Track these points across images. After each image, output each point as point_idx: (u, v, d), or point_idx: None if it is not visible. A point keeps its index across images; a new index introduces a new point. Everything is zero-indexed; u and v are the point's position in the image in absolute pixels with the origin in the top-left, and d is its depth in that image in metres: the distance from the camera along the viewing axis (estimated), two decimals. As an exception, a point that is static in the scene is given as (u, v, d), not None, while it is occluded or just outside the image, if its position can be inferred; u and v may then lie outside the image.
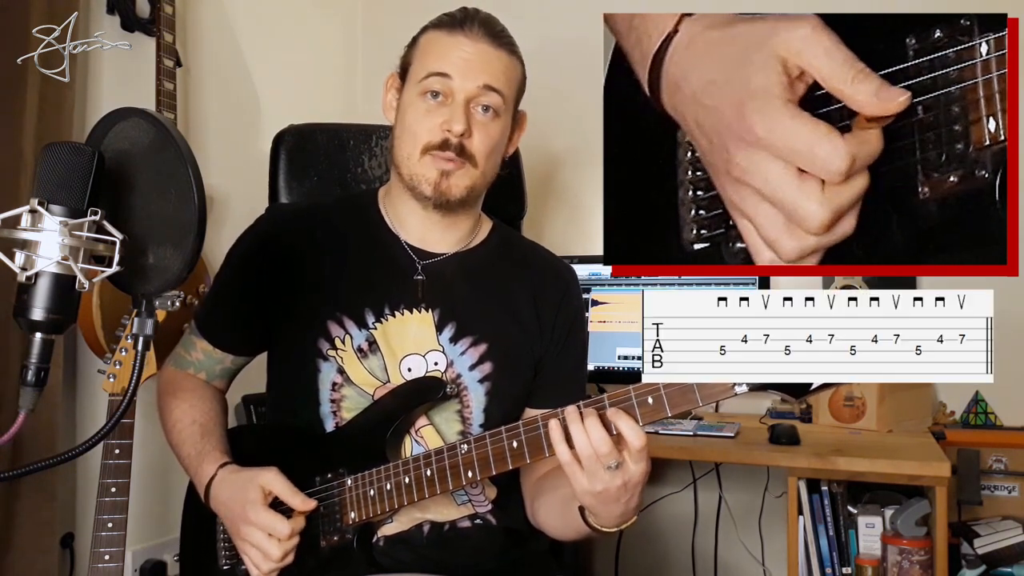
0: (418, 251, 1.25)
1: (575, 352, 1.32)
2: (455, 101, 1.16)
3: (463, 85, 1.16)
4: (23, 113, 1.59)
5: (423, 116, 1.17)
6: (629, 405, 0.97)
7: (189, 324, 1.33)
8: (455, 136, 1.15)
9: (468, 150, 1.17)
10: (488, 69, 1.17)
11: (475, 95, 1.16)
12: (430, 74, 1.16)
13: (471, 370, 1.23)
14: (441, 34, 1.19)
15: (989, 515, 1.93)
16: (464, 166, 1.17)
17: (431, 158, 1.17)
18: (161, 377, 1.33)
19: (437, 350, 1.22)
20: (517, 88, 1.23)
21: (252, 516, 1.09)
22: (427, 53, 1.19)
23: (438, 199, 1.18)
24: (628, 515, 1.04)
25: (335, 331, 1.20)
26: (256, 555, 1.10)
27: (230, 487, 1.14)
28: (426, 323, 1.22)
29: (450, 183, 1.17)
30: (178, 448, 1.24)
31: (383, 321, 1.21)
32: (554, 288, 1.31)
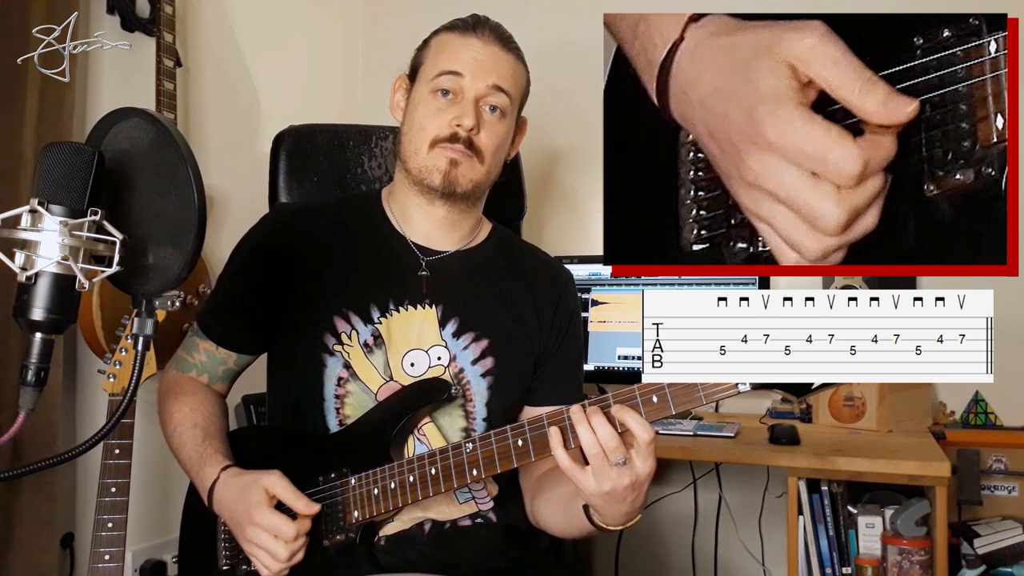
0: (422, 248, 1.27)
1: (572, 351, 1.34)
2: (465, 99, 1.19)
3: (473, 84, 1.19)
4: (23, 113, 1.59)
5: (433, 113, 1.20)
6: (634, 403, 0.98)
7: (191, 326, 1.33)
8: (464, 131, 1.18)
9: (476, 145, 1.20)
10: (498, 70, 1.21)
11: (484, 94, 1.20)
12: (442, 72, 1.20)
13: (474, 365, 1.24)
14: (454, 36, 1.23)
15: (989, 515, 1.93)
16: (471, 159, 1.20)
17: (440, 149, 1.20)
18: (163, 381, 1.33)
19: (440, 345, 1.23)
20: (523, 92, 1.27)
21: (258, 518, 1.09)
22: (439, 53, 1.23)
23: (446, 188, 1.20)
24: (634, 513, 1.05)
25: (341, 326, 1.21)
26: (264, 556, 1.10)
27: (234, 490, 1.14)
28: (430, 319, 1.24)
29: (458, 173, 1.20)
30: (179, 451, 1.24)
31: (388, 316, 1.22)
32: (551, 288, 1.33)
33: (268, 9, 2.40)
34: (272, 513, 1.09)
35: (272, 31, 2.41)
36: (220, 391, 1.33)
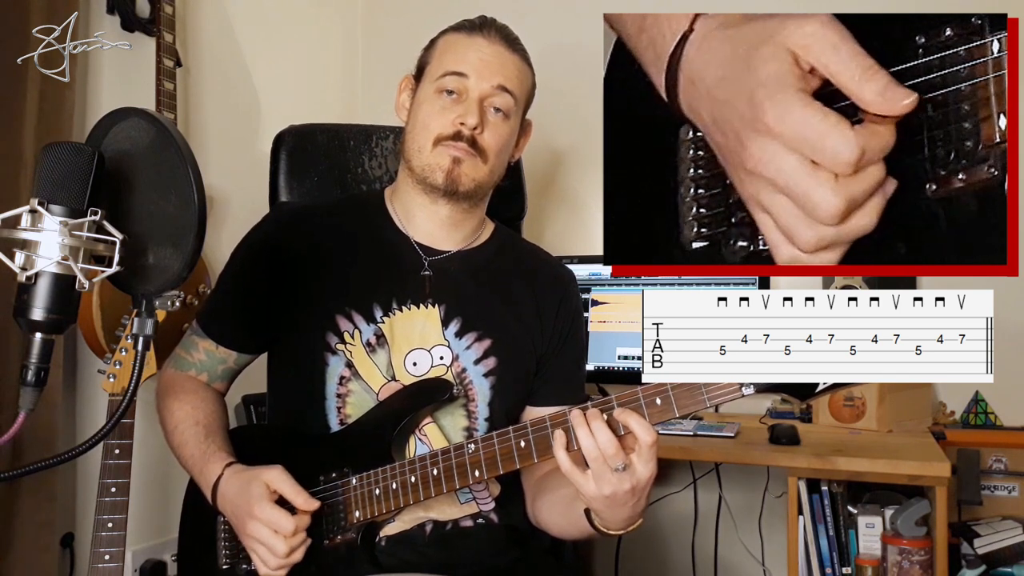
0: (425, 248, 1.27)
1: (574, 351, 1.34)
2: (469, 98, 1.20)
3: (478, 84, 1.20)
4: (23, 113, 1.59)
5: (437, 112, 1.20)
6: (638, 405, 0.98)
7: (189, 325, 1.32)
8: (468, 129, 1.18)
9: (480, 144, 1.20)
10: (503, 71, 1.21)
11: (489, 94, 1.20)
12: (447, 72, 1.20)
13: (476, 364, 1.24)
14: (460, 36, 1.23)
15: (989, 515, 1.93)
16: (475, 157, 1.20)
17: (443, 147, 1.20)
18: (161, 379, 1.32)
19: (443, 344, 1.23)
20: (527, 94, 1.27)
21: (257, 512, 1.09)
22: (445, 53, 1.23)
23: (448, 186, 1.20)
24: (635, 518, 1.05)
25: (344, 325, 1.21)
26: (263, 551, 1.10)
27: (236, 485, 1.14)
28: (432, 318, 1.24)
29: (461, 171, 1.20)
30: (180, 449, 1.23)
31: (391, 315, 1.23)
32: (553, 288, 1.33)
33: (268, 9, 2.39)
34: (272, 507, 1.09)
35: (272, 31, 2.41)
36: (219, 390, 1.33)
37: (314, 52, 2.60)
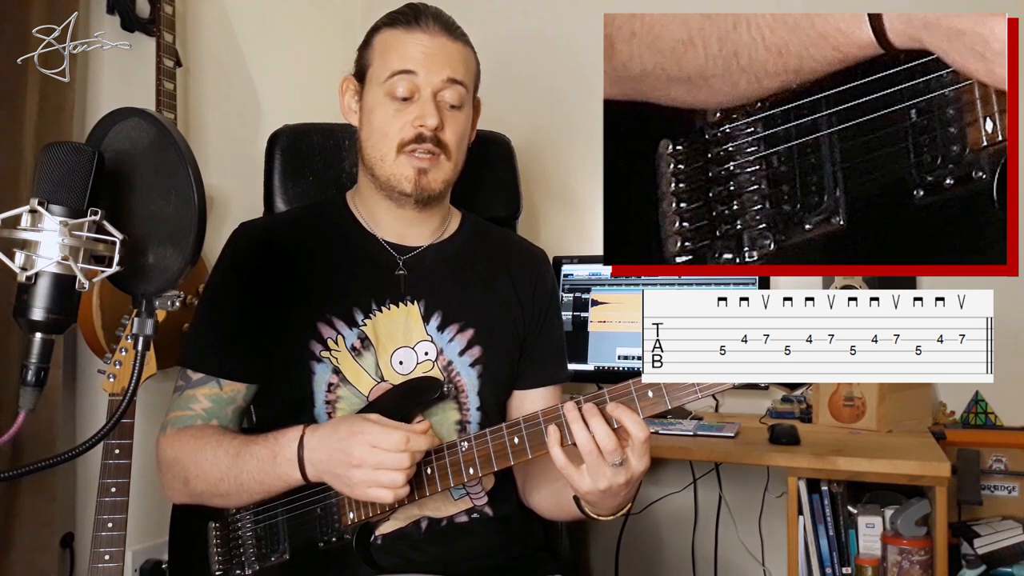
0: (396, 247, 1.27)
1: (554, 330, 1.35)
2: (423, 97, 1.18)
3: (428, 79, 1.18)
4: (23, 113, 1.59)
5: (393, 117, 1.19)
6: (629, 399, 0.98)
7: (176, 388, 1.22)
8: (429, 130, 1.17)
9: (442, 140, 1.19)
10: (450, 62, 1.19)
11: (440, 88, 1.19)
12: (394, 73, 1.18)
13: (461, 356, 1.24)
14: (398, 32, 1.21)
15: (989, 515, 1.93)
16: (439, 159, 1.19)
17: (407, 156, 1.19)
18: (159, 447, 1.20)
19: (426, 340, 1.23)
20: (475, 78, 1.26)
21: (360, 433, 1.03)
22: (386, 52, 1.21)
23: (419, 195, 1.20)
24: (625, 504, 1.07)
25: (326, 332, 1.20)
26: (384, 476, 1.02)
27: (325, 436, 1.07)
28: (413, 315, 1.24)
29: (428, 179, 1.20)
30: (240, 475, 1.12)
31: (372, 317, 1.22)
32: (528, 269, 1.34)
33: (268, 9, 2.39)
34: (374, 426, 1.03)
35: (272, 31, 2.41)
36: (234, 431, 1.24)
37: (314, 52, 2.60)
